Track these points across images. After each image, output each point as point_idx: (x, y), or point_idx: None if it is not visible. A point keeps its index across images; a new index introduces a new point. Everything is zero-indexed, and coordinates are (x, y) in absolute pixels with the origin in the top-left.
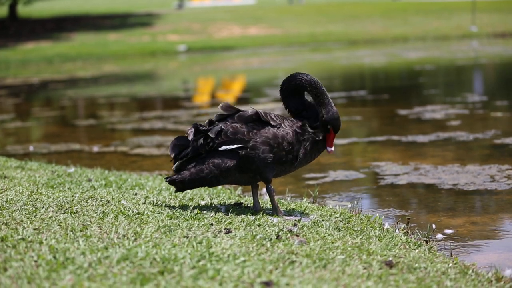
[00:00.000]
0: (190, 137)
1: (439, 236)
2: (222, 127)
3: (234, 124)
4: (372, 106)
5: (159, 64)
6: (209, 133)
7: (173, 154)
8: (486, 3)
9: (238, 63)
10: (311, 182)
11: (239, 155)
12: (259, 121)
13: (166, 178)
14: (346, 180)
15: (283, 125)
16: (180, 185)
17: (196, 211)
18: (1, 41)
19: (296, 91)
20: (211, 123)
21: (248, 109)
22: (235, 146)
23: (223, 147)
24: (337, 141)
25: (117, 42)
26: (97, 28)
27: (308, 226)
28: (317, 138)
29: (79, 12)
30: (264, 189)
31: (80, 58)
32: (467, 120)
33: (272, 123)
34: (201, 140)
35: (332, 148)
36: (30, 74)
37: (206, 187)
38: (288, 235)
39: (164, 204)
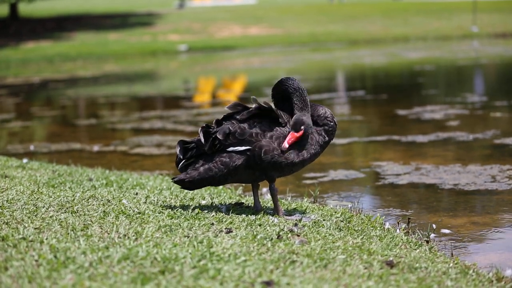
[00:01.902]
0: (203, 141)
1: (432, 235)
2: (230, 128)
3: (242, 124)
4: (372, 106)
5: (159, 64)
6: (217, 135)
7: (181, 156)
8: (487, 3)
9: (238, 63)
10: (311, 182)
11: (248, 154)
12: (267, 118)
13: (173, 179)
14: (346, 179)
15: (288, 125)
16: (189, 185)
17: (197, 210)
18: (2, 41)
19: (286, 96)
20: (218, 123)
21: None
22: (243, 148)
23: (231, 148)
24: (338, 140)
25: (117, 41)
26: (97, 28)
27: (309, 225)
28: (319, 136)
29: (80, 12)
30: (264, 189)
31: (81, 57)
32: (467, 120)
33: (280, 120)
34: (210, 143)
35: (287, 145)
36: (30, 74)
37: (214, 186)
38: (289, 235)
39: (165, 204)
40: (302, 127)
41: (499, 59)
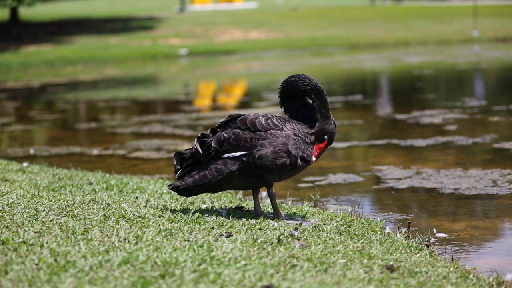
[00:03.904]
0: (200, 150)
1: (432, 239)
2: (224, 135)
3: (236, 130)
4: (373, 111)
5: (160, 68)
6: (212, 143)
7: (178, 167)
8: (488, 7)
9: (239, 67)
10: (312, 186)
11: (243, 161)
12: (261, 125)
13: (169, 186)
14: (347, 184)
15: (285, 129)
16: (184, 192)
17: (197, 214)
18: (2, 44)
19: (298, 95)
20: (213, 131)
21: (250, 113)
22: (238, 153)
23: (226, 155)
24: (338, 144)
25: (118, 45)
26: (98, 32)
27: (309, 230)
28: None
29: (81, 16)
30: (264, 193)
31: (82, 61)
32: (467, 125)
33: (274, 127)
34: (205, 151)
35: (315, 159)
36: (31, 78)
37: (210, 192)
38: (289, 239)
39: (165, 208)
40: (326, 137)
41: (500, 63)
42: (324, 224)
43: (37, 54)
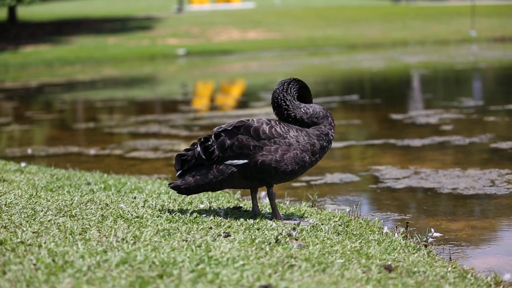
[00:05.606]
0: (203, 156)
1: (430, 239)
2: (228, 141)
3: (240, 136)
4: (370, 111)
5: (158, 68)
6: (215, 149)
7: (179, 167)
8: (486, 7)
9: (237, 67)
10: (309, 186)
11: (245, 166)
12: (264, 134)
13: (169, 184)
14: (345, 183)
15: (288, 137)
16: (184, 191)
17: (195, 214)
18: (0, 44)
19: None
20: (217, 136)
21: (253, 118)
22: (241, 161)
23: (229, 162)
24: (336, 144)
25: (116, 45)
26: (96, 32)
27: (307, 230)
28: (319, 143)
29: (79, 16)
30: (263, 193)
31: (80, 61)
32: (465, 125)
33: (277, 136)
34: (207, 155)
35: None
36: (29, 78)
37: (210, 191)
38: (287, 239)
39: (163, 208)
40: None
41: (498, 63)
42: (322, 224)
43: (35, 54)
